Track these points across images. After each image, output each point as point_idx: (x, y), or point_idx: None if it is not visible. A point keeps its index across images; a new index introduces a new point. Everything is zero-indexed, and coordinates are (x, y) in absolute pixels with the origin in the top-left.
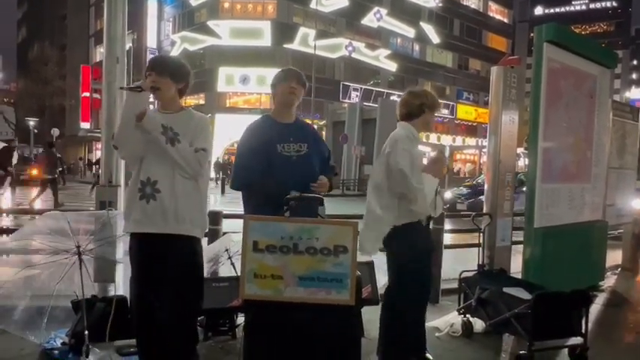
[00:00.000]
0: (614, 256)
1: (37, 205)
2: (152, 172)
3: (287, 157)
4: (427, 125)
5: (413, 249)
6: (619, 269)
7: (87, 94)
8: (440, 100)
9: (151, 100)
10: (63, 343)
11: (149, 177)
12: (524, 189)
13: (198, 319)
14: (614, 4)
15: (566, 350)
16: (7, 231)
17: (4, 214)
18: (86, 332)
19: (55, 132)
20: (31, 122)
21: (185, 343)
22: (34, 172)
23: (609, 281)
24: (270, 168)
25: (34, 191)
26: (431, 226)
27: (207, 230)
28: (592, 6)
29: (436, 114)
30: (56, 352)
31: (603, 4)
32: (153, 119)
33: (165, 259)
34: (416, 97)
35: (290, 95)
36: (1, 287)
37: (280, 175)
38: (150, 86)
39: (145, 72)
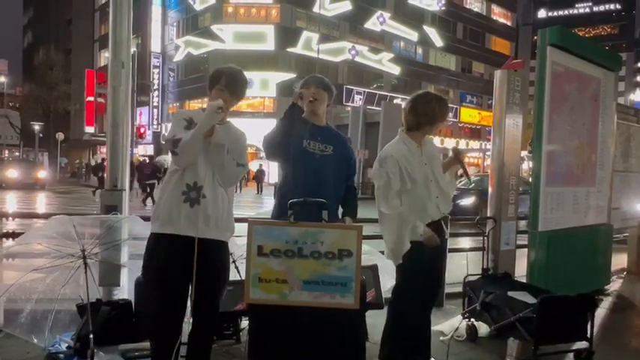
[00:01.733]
0: (620, 260)
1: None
2: (199, 177)
3: (311, 153)
4: (432, 131)
5: (419, 252)
6: (625, 273)
7: (91, 98)
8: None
9: None
10: (68, 347)
11: (196, 182)
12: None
13: None
14: (618, 6)
15: (571, 355)
16: (13, 235)
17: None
18: (91, 336)
19: (60, 136)
20: (36, 126)
21: (208, 343)
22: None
23: (615, 285)
24: (291, 160)
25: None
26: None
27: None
28: (596, 9)
29: (441, 123)
30: (61, 355)
31: (607, 6)
32: (220, 132)
33: (207, 262)
34: (415, 115)
35: (311, 103)
36: (7, 291)
37: (297, 169)
38: (223, 104)
39: (215, 81)
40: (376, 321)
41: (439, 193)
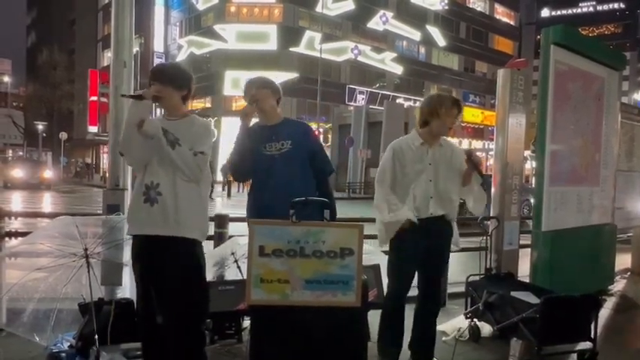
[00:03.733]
0: (624, 260)
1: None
2: (155, 175)
3: (270, 155)
4: (439, 130)
5: (394, 250)
6: (628, 273)
7: (95, 98)
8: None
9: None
10: (70, 346)
11: (152, 180)
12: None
13: (206, 322)
14: (622, 5)
15: (575, 355)
16: (16, 234)
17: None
18: (96, 337)
19: (64, 136)
20: (40, 126)
21: (191, 345)
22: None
23: (619, 285)
24: (256, 167)
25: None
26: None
27: (208, 233)
28: (599, 8)
29: (447, 118)
30: (63, 354)
31: (611, 5)
32: (153, 123)
33: (165, 260)
34: (420, 112)
35: (252, 102)
36: (10, 290)
37: (263, 173)
38: (152, 95)
39: (148, 81)
40: (378, 320)
41: (434, 195)
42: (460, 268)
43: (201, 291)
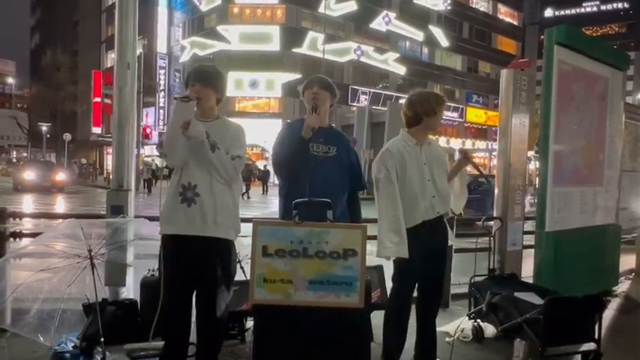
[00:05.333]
0: (628, 261)
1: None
2: (192, 176)
3: (314, 155)
4: (431, 128)
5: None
6: (633, 274)
7: (98, 99)
8: (448, 103)
9: None
10: (74, 346)
11: (190, 181)
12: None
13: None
14: (626, 5)
15: (578, 356)
16: (20, 235)
17: None
18: (102, 339)
19: (67, 137)
20: (44, 127)
21: (216, 341)
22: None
23: (623, 286)
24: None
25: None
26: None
27: (239, 234)
28: (603, 7)
29: (441, 114)
30: (67, 355)
31: (614, 5)
32: (198, 126)
33: (203, 260)
34: (409, 107)
35: (313, 100)
36: (15, 291)
37: (303, 172)
38: (195, 96)
39: (186, 81)
40: (381, 322)
41: (436, 193)
42: (463, 268)
43: (230, 289)
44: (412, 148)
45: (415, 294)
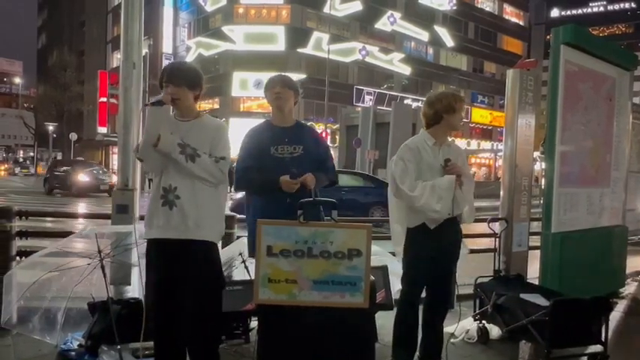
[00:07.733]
0: (635, 262)
1: None
2: (173, 179)
3: (280, 158)
4: (451, 127)
5: (409, 253)
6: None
7: (104, 99)
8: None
9: None
10: (79, 345)
11: (170, 184)
12: None
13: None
14: (633, 5)
15: (585, 358)
16: (27, 234)
17: None
18: (117, 339)
19: (73, 136)
20: (50, 127)
21: (209, 345)
22: None
23: (630, 288)
24: (264, 169)
25: None
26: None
27: (223, 235)
28: (610, 7)
29: (460, 112)
30: (72, 353)
31: (621, 5)
32: (168, 141)
33: (185, 263)
34: (429, 106)
35: (276, 100)
36: (26, 290)
37: (270, 175)
38: (170, 99)
39: (160, 82)
40: (386, 322)
41: (454, 195)
42: (469, 269)
43: (218, 292)
44: (430, 147)
45: (423, 294)
